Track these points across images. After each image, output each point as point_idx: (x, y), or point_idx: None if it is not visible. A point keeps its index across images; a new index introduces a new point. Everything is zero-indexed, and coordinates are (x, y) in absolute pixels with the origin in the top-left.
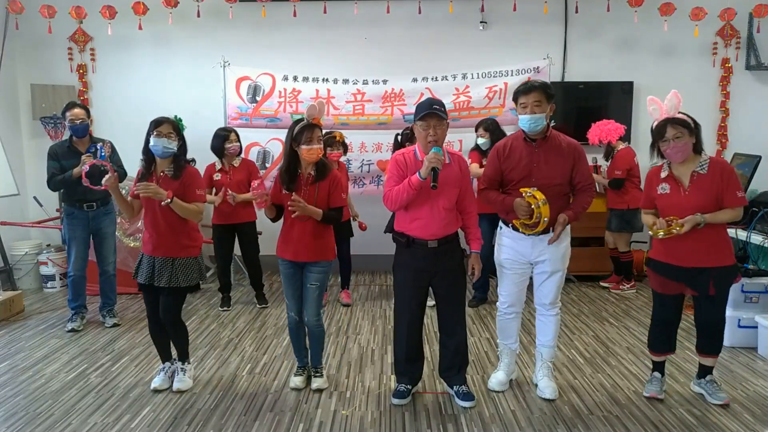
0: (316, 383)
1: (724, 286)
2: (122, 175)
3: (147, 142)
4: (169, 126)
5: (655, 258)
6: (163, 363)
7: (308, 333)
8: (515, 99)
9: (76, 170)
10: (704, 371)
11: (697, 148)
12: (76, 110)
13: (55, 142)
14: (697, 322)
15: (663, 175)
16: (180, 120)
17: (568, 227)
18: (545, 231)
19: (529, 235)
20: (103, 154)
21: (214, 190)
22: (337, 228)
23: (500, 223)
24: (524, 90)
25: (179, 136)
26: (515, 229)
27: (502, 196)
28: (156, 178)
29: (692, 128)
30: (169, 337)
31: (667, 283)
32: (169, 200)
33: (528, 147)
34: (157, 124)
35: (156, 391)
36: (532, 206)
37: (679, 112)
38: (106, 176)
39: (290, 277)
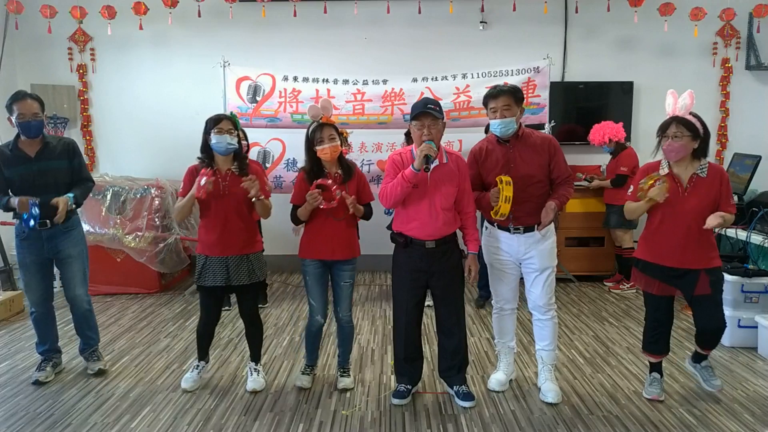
0: (343, 383)
1: (717, 287)
2: (89, 187)
3: (205, 140)
4: (229, 122)
5: (642, 258)
6: (199, 361)
7: (340, 331)
8: (485, 103)
9: (11, 202)
10: (700, 357)
11: (698, 154)
12: (28, 102)
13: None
14: (698, 325)
15: (662, 172)
16: (235, 116)
17: (552, 226)
18: (529, 227)
19: (513, 231)
20: (36, 216)
21: None
22: None
23: (485, 223)
24: (493, 95)
25: (237, 131)
26: (499, 226)
27: (482, 193)
28: (221, 176)
29: (697, 133)
30: (249, 336)
31: (654, 283)
32: (262, 197)
33: (503, 148)
34: (216, 121)
35: (186, 392)
36: (499, 188)
37: (692, 114)
38: (206, 180)
39: (319, 278)
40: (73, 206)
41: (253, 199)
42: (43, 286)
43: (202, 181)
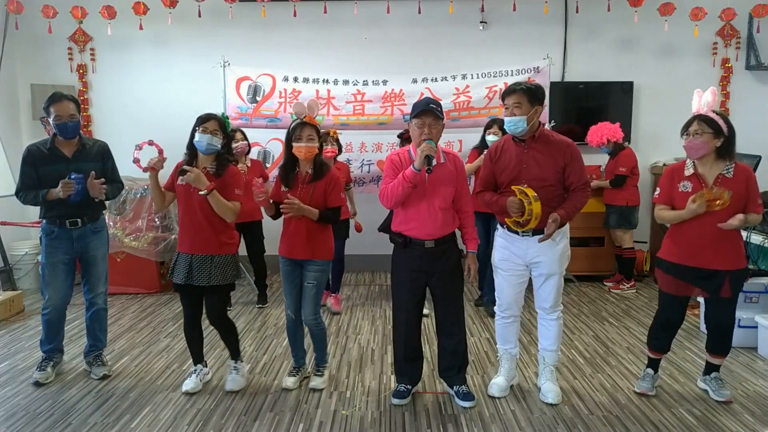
0: (314, 382)
1: (738, 289)
2: (119, 188)
3: (191, 137)
4: (215, 123)
5: (666, 259)
6: (195, 365)
7: (309, 332)
8: (502, 99)
9: (54, 192)
10: (711, 368)
11: (723, 153)
12: (65, 103)
13: (33, 142)
14: (708, 324)
15: (687, 173)
16: (226, 118)
17: (567, 228)
18: (538, 230)
19: (522, 234)
20: (80, 188)
21: None
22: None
23: (497, 225)
24: (507, 92)
25: (224, 134)
26: (509, 229)
27: (496, 196)
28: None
29: (719, 130)
30: (221, 338)
31: (678, 284)
32: (207, 192)
33: (517, 148)
34: (203, 120)
35: (188, 394)
36: (524, 203)
37: (716, 112)
38: (155, 158)
39: (288, 275)
40: (103, 197)
41: (200, 193)
42: (66, 286)
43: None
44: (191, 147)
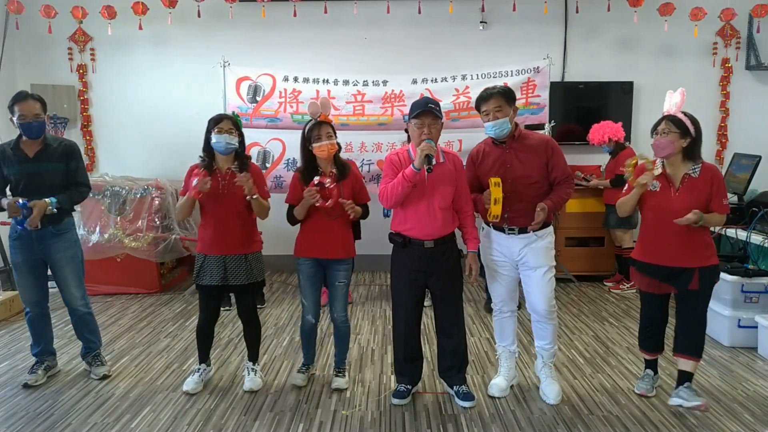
0: (337, 383)
1: (707, 285)
2: (82, 192)
3: (207, 139)
4: (229, 122)
5: (638, 258)
6: (200, 364)
7: (336, 331)
8: (477, 108)
9: (3, 203)
10: (683, 377)
11: (690, 154)
12: (30, 103)
13: (2, 142)
14: (677, 321)
15: (656, 172)
16: (237, 116)
17: (551, 229)
18: (523, 228)
19: (508, 231)
20: (24, 219)
21: None
22: None
23: (482, 224)
24: (484, 97)
25: (238, 131)
26: (494, 226)
27: (478, 195)
28: (221, 174)
29: (686, 130)
30: (246, 336)
31: (651, 282)
32: (256, 195)
33: (499, 149)
34: (217, 121)
35: (188, 394)
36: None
37: (685, 114)
38: (205, 181)
39: (312, 277)
40: (54, 211)
41: (248, 197)
42: (36, 286)
43: (194, 182)
44: (208, 149)
